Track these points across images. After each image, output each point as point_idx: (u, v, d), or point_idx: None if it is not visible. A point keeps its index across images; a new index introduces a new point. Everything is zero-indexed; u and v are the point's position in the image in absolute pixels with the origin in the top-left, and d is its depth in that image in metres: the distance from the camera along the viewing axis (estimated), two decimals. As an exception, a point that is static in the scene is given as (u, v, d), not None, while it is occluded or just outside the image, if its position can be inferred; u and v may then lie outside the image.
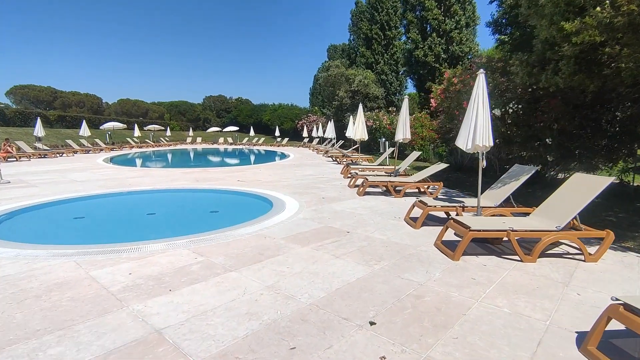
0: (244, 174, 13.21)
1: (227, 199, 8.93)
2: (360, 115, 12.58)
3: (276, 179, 11.85)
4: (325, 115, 38.49)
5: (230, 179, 11.63)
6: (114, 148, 28.44)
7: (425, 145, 20.56)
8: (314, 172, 13.71)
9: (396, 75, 39.56)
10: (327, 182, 11.18)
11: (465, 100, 11.92)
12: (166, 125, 47.20)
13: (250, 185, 10.39)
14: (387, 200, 8.36)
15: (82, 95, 50.57)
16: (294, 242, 5.09)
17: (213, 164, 20.37)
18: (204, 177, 12.26)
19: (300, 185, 10.44)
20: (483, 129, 5.31)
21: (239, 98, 61.84)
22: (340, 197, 8.65)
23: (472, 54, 28.67)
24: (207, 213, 7.47)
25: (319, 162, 18.64)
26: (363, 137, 12.56)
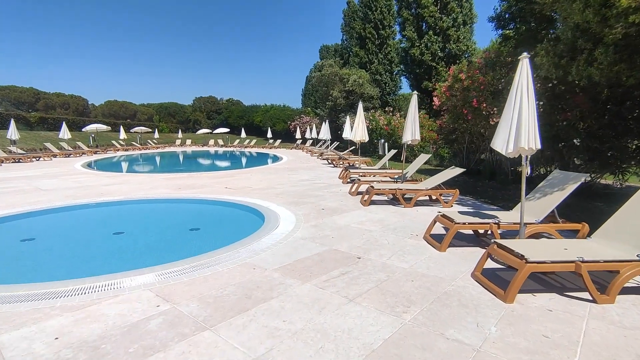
0: (233, 179, 11.99)
1: (212, 211, 7.71)
2: (360, 114, 11.46)
3: (268, 185, 10.65)
4: (318, 116, 37.37)
5: (218, 186, 10.40)
6: (97, 151, 26.93)
7: (426, 146, 19.53)
8: (309, 177, 12.54)
9: (390, 75, 38.60)
10: (325, 188, 10.02)
11: (475, 98, 10.89)
12: (155, 127, 45.63)
13: (240, 193, 9.18)
14: (397, 211, 7.22)
15: (67, 97, 48.66)
16: (291, 276, 3.91)
17: (200, 168, 19.05)
18: (189, 183, 11.01)
19: (295, 192, 9.26)
20: (528, 128, 4.19)
21: (229, 99, 60.36)
22: (342, 207, 7.49)
23: (469, 52, 27.78)
24: (185, 231, 6.26)
25: (314, 165, 17.48)
26: (363, 139, 11.45)
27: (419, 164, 9.08)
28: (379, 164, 12.43)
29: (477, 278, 3.83)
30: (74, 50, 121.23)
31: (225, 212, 7.62)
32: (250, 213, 7.21)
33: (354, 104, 31.86)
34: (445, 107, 13.67)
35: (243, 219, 6.94)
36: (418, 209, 7.38)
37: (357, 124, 11.48)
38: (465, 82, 11.46)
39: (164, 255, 5.04)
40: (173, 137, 43.19)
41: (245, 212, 7.31)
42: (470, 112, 11.12)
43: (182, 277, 3.86)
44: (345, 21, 46.04)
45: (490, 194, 9.31)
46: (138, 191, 9.58)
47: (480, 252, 4.72)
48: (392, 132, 20.51)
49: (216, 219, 7.08)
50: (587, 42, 6.93)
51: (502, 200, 8.39)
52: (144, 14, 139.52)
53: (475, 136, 13.14)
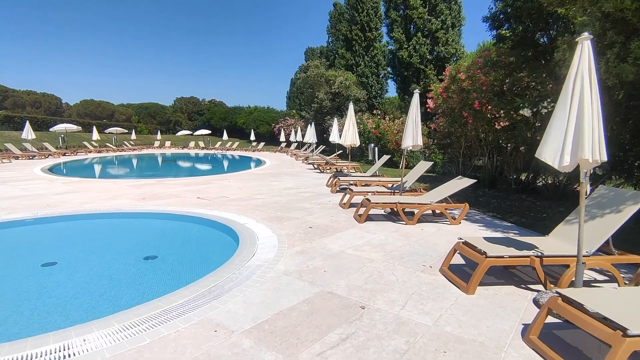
0: (208, 187, 10.62)
1: (176, 230, 6.34)
2: (350, 116, 10.30)
3: (248, 194, 9.35)
4: (303, 118, 36.17)
5: (189, 196, 9.04)
6: (66, 153, 24.95)
7: (416, 151, 18.54)
8: (294, 184, 11.29)
9: (377, 78, 37.79)
10: (312, 198, 8.79)
11: (477, 100, 9.88)
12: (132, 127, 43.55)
13: (213, 205, 7.85)
14: (399, 229, 6.05)
15: (38, 95, 45.89)
16: (269, 346, 2.66)
17: (174, 173, 17.50)
18: (157, 192, 9.60)
19: (278, 204, 8.00)
20: (592, 134, 3.07)
21: (212, 100, 58.41)
22: (333, 224, 6.27)
23: (457, 55, 27.11)
24: (138, 260, 4.88)
25: (299, 170, 16.23)
26: (354, 143, 10.30)
27: (419, 173, 7.97)
28: (371, 170, 11.29)
29: (536, 347, 2.67)
30: (49, 48, 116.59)
31: (192, 231, 6.28)
32: (222, 233, 5.91)
33: (340, 107, 30.80)
34: (440, 110, 12.67)
35: (212, 242, 5.65)
36: (423, 227, 6.23)
37: (347, 127, 10.32)
38: (465, 83, 10.45)
39: (98, 302, 3.71)
40: (152, 138, 41.19)
41: (217, 232, 6.00)
42: (471, 115, 10.11)
43: (103, 352, 2.56)
44: (331, 23, 45.16)
45: (495, 206, 8.27)
46: (93, 202, 8.13)
47: (518, 294, 3.59)
48: (380, 136, 19.48)
49: (179, 242, 5.71)
50: (619, 34, 5.98)
51: (512, 214, 7.35)
52: (124, 12, 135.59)
53: (472, 141, 12.18)
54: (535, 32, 10.47)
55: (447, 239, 5.53)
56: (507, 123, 8.45)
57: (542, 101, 7.62)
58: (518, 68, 9.89)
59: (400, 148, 7.34)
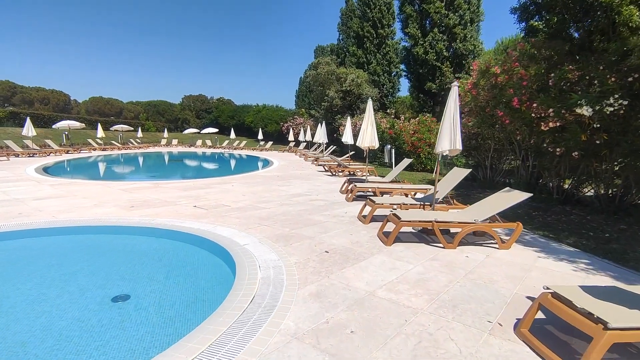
0: (209, 192, 9.44)
1: (159, 254, 5.08)
2: (368, 115, 9.02)
3: (252, 201, 8.14)
4: (313, 117, 34.95)
5: (185, 203, 7.86)
6: (69, 151, 24.07)
7: (434, 154, 17.16)
8: (304, 190, 10.06)
9: (389, 77, 36.45)
10: (326, 208, 7.55)
11: (515, 96, 8.52)
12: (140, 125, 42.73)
13: (210, 216, 6.65)
14: (437, 256, 4.78)
15: (47, 92, 45.29)
16: None
17: (174, 174, 16.33)
18: (149, 198, 8.44)
19: (286, 216, 6.77)
20: None
21: (220, 98, 57.35)
22: (354, 247, 5.02)
23: (476, 52, 25.60)
24: (104, 303, 3.62)
25: (309, 172, 14.99)
26: (373, 145, 9.03)
27: (454, 182, 6.65)
28: (390, 175, 9.99)
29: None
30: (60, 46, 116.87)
31: (179, 256, 5.04)
32: (216, 258, 4.69)
33: (352, 105, 29.46)
34: (467, 108, 11.31)
35: (203, 274, 4.41)
36: (466, 252, 4.95)
37: (365, 127, 9.04)
38: (500, 78, 9.10)
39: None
40: (159, 136, 40.31)
41: (209, 257, 4.79)
42: (508, 114, 8.75)
43: None
44: (342, 20, 43.89)
45: (541, 221, 6.92)
46: (73, 210, 6.99)
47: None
48: (396, 137, 18.13)
49: (161, 273, 4.46)
50: None
51: (567, 233, 6.01)
52: (134, 11, 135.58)
53: (502, 143, 10.82)
54: (572, 23, 9.16)
55: (505, 272, 4.24)
56: (557, 124, 7.12)
57: (606, 97, 6.26)
58: (560, 61, 8.53)
59: (434, 152, 6.04)
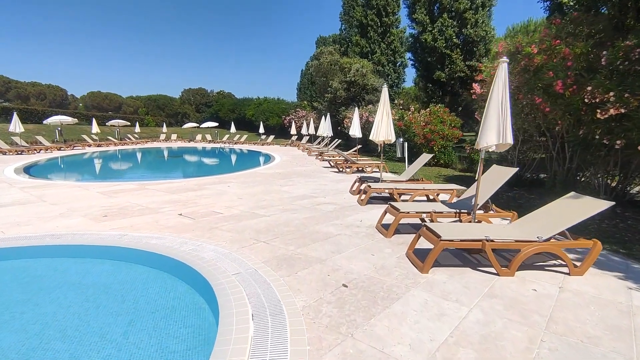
0: (200, 194, 8.19)
1: (123, 289, 3.72)
2: (384, 104, 7.70)
3: (249, 207, 6.88)
4: (315, 110, 33.55)
5: (170, 210, 6.60)
6: (61, 147, 22.86)
7: (448, 146, 15.84)
8: (309, 190, 8.78)
9: (394, 67, 34.97)
10: (336, 215, 6.28)
11: (559, 78, 7.17)
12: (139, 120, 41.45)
13: (197, 228, 5.40)
14: (494, 290, 3.50)
15: (43, 87, 43.95)
16: None
17: (166, 174, 14.99)
18: (129, 204, 7.19)
19: (289, 227, 5.50)
20: None
21: (220, 91, 55.75)
22: (380, 276, 3.76)
23: (488, 39, 24.07)
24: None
25: (314, 169, 13.70)
26: (389, 139, 7.72)
27: (497, 184, 5.33)
28: (407, 173, 8.68)
29: None
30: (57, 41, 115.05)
31: (149, 294, 3.72)
32: (196, 296, 3.44)
33: (356, 97, 27.99)
34: (491, 96, 9.95)
35: (175, 326, 3.13)
36: (529, 280, 3.68)
37: (380, 118, 7.72)
38: (538, 58, 7.72)
39: None
40: (158, 131, 39.01)
41: (188, 295, 3.53)
42: (548, 101, 7.41)
43: None
44: (345, 9, 42.16)
45: (602, 230, 5.61)
46: (33, 222, 5.74)
47: None
48: (405, 129, 16.78)
49: (118, 327, 2.99)
50: None
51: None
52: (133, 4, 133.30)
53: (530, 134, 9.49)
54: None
55: (600, 319, 2.96)
56: (620, 110, 5.81)
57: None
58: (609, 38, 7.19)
59: (476, 148, 4.72)
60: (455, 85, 25.17)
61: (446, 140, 15.66)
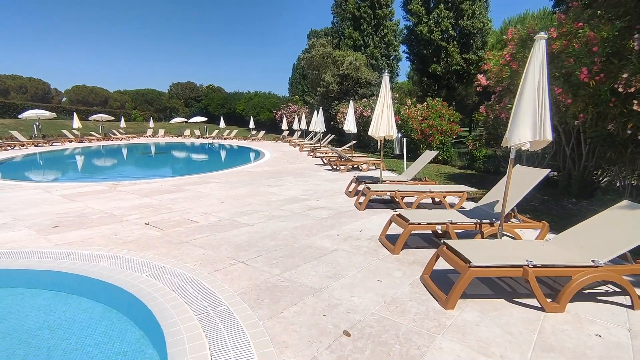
0: (176, 198, 7.18)
1: (43, 345, 2.74)
2: (385, 94, 6.76)
3: (230, 214, 5.91)
4: (307, 104, 32.51)
5: (135, 218, 5.60)
6: (39, 143, 21.52)
7: (447, 142, 15.00)
8: (301, 192, 7.83)
9: (387, 60, 34.09)
10: (332, 223, 5.34)
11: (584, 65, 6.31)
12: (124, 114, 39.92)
13: (164, 241, 4.42)
14: (544, 332, 2.59)
15: (24, 80, 42.00)
16: None
17: (143, 172, 13.90)
18: (89, 209, 6.17)
19: (275, 241, 4.55)
20: None
21: (210, 85, 54.16)
22: (393, 315, 2.83)
23: (485, 31, 23.25)
24: None
25: (306, 166, 12.74)
26: (390, 134, 6.80)
27: (525, 188, 4.44)
28: (409, 172, 7.77)
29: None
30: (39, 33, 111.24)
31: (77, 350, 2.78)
32: (150, 350, 2.50)
33: (349, 91, 26.98)
34: (499, 87, 9.08)
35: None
36: (586, 321, 2.79)
37: (381, 111, 6.78)
38: (557, 44, 6.84)
39: None
40: (145, 126, 37.57)
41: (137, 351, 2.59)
42: (569, 91, 6.55)
43: None
44: (337, 1, 40.99)
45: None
46: (-35, 235, 4.71)
47: None
48: (402, 124, 15.88)
49: None
50: None
51: None
52: None
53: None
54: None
55: None
56: (664, 100, 5.00)
57: None
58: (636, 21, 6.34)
59: (504, 145, 3.82)
60: (452, 79, 24.35)
61: (445, 135, 14.81)
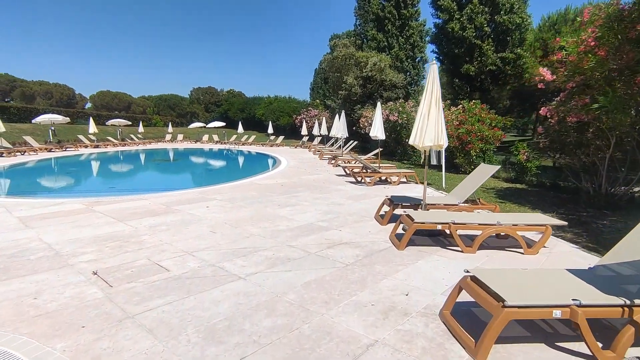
0: (157, 224, 5.55)
1: None
2: (432, 92, 4.91)
3: (217, 254, 4.19)
4: (328, 108, 30.82)
5: (87, 260, 3.98)
6: (52, 148, 20.72)
7: (488, 150, 12.91)
8: (318, 215, 6.06)
9: (413, 63, 31.96)
10: (362, 276, 3.54)
11: None
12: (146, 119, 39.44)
13: (102, 313, 2.74)
14: None
15: (50, 85, 42.35)
16: None
17: (138, 184, 12.49)
18: (32, 244, 4.61)
19: (272, 315, 2.78)
20: None
21: (230, 90, 53.42)
22: None
23: (524, 27, 20.91)
24: None
25: (325, 177, 10.97)
26: (440, 144, 4.94)
27: None
28: (459, 192, 5.85)
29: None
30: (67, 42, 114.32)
31: None
32: None
33: (373, 94, 25.10)
34: (572, 84, 7.04)
35: None
36: None
37: (427, 112, 4.94)
38: None
39: None
40: (164, 131, 36.88)
41: None
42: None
43: None
44: (359, 3, 39.30)
45: None
46: None
47: None
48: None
49: None
50: None
51: None
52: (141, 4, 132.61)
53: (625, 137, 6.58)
54: None
55: None
56: None
57: None
58: None
59: None
60: (486, 80, 22.07)
61: (486, 142, 12.72)
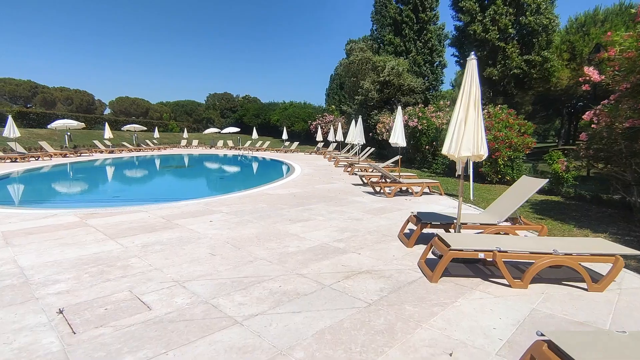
0: (153, 242, 4.91)
1: None
2: (469, 94, 4.14)
3: (215, 285, 3.49)
4: (344, 114, 30.15)
5: (59, 291, 3.33)
6: (67, 154, 20.66)
7: (517, 158, 11.93)
8: (334, 233, 5.32)
9: (431, 67, 31.02)
10: (391, 325, 2.76)
11: None
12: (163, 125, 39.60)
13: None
14: None
15: (70, 92, 43.15)
16: None
17: (144, 192, 11.99)
18: (11, 267, 4.02)
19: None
20: None
21: (246, 96, 53.45)
22: None
23: (551, 28, 19.79)
24: None
25: (341, 187, 10.22)
26: (480, 154, 4.18)
27: None
28: (498, 209, 5.01)
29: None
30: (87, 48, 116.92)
31: None
32: None
33: (390, 99, 24.30)
34: (627, 84, 6.13)
35: None
36: None
37: (464, 117, 4.16)
38: None
39: None
40: (180, 137, 36.89)
41: None
42: None
43: None
44: (376, 8, 38.69)
45: None
46: None
47: None
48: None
49: None
50: None
51: None
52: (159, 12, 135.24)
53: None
54: None
55: None
56: None
57: None
58: None
59: None
60: (510, 84, 20.99)
61: (515, 150, 11.74)
